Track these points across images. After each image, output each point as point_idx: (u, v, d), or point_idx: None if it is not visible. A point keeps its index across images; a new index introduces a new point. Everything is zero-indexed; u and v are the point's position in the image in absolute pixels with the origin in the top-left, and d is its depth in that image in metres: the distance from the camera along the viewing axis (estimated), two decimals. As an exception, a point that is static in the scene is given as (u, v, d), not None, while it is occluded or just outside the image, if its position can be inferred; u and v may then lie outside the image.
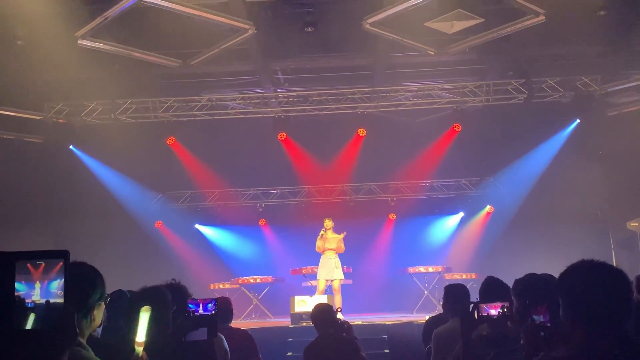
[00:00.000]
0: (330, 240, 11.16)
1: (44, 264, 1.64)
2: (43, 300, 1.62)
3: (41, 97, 12.42)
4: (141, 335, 2.42)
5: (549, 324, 2.61)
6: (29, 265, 1.63)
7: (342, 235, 11.14)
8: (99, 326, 4.09)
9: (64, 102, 12.60)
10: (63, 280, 1.64)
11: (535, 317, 2.66)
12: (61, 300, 1.64)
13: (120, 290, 3.81)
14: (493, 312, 3.30)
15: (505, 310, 3.26)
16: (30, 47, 10.18)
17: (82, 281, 2.23)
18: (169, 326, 3.24)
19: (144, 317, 2.42)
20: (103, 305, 2.34)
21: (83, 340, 2.21)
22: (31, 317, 1.61)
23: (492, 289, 3.96)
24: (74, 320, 1.68)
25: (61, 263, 1.66)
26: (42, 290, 1.62)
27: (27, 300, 1.62)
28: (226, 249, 15.68)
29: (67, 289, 1.63)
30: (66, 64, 10.77)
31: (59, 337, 1.65)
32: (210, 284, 13.50)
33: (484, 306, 3.33)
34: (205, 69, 11.84)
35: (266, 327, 10.03)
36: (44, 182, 13.00)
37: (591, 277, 2.17)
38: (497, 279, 4.16)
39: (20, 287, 1.61)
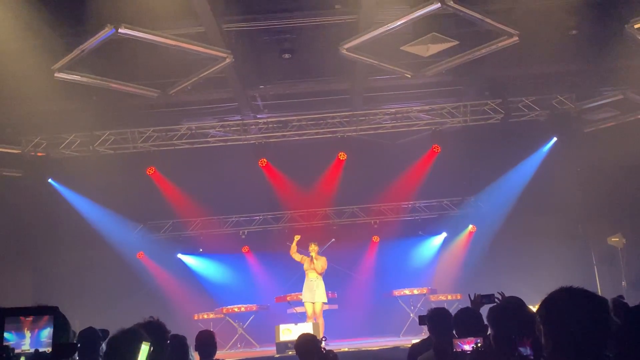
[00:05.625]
0: (315, 263, 11.07)
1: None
2: (32, 350, 1.60)
3: (19, 130, 12.30)
4: None
5: (532, 357, 2.64)
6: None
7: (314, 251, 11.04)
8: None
9: (41, 135, 12.48)
10: (52, 329, 1.62)
11: (521, 349, 2.69)
12: (49, 349, 1.62)
13: (91, 328, 3.75)
14: (467, 347, 3.33)
15: (478, 345, 3.28)
16: (6, 80, 10.07)
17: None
18: None
19: (144, 350, 2.39)
20: None
21: None
22: None
23: (465, 321, 4.01)
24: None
25: (50, 313, 1.65)
26: (32, 339, 1.60)
27: (16, 351, 1.59)
28: (209, 278, 15.50)
29: (55, 342, 1.62)
30: (43, 97, 10.70)
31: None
32: (195, 314, 13.33)
33: (457, 342, 3.36)
34: (184, 98, 11.83)
35: (252, 358, 9.91)
36: (24, 216, 12.80)
37: (570, 305, 2.21)
38: (471, 309, 4.24)
39: (9, 337, 1.58)
